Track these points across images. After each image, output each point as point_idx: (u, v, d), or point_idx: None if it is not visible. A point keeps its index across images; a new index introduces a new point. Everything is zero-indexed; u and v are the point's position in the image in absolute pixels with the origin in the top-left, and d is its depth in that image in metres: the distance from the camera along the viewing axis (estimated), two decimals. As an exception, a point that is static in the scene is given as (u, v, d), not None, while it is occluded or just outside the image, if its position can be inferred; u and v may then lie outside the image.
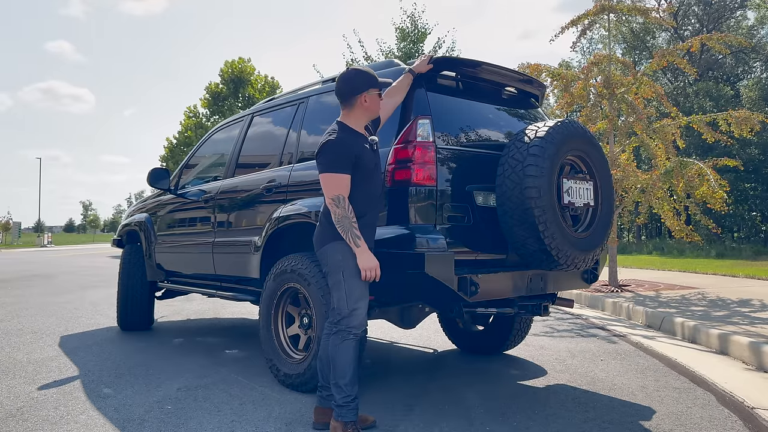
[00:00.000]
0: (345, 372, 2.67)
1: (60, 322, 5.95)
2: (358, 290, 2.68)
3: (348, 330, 2.69)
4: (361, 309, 2.69)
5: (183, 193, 5.02)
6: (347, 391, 2.66)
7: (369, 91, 2.76)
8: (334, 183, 2.64)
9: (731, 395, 3.42)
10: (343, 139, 2.70)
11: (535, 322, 5.80)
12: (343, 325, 2.70)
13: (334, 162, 2.66)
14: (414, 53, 15.27)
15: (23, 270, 14.38)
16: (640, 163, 18.83)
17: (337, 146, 2.67)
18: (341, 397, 2.66)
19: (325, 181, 2.67)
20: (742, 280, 9.70)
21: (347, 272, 2.67)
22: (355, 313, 2.68)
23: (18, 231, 47.23)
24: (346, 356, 2.68)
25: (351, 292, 2.67)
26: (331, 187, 2.65)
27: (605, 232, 3.45)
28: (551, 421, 2.97)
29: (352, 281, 2.67)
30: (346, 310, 2.68)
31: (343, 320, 2.69)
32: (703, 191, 7.81)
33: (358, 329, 2.71)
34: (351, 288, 2.67)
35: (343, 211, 2.61)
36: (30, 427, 2.83)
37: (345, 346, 2.69)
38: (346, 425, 2.63)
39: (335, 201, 2.62)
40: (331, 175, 2.65)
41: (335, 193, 2.63)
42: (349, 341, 2.69)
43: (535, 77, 4.84)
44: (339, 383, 2.67)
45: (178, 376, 3.82)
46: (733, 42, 9.16)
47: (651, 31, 30.22)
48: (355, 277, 2.67)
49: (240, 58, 27.22)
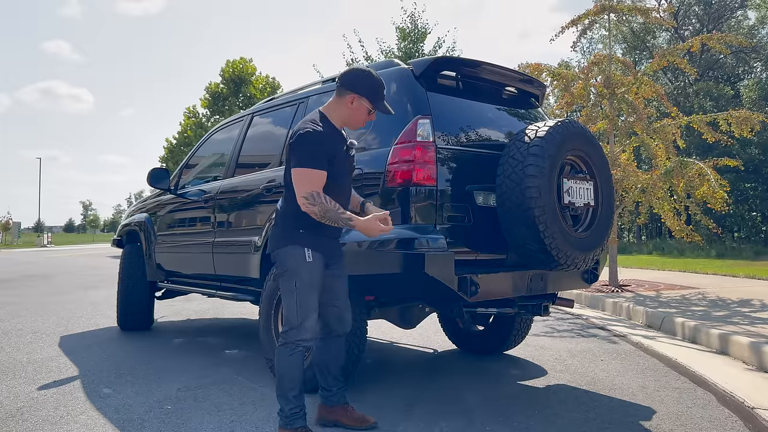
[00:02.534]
0: (294, 384, 2.58)
1: (60, 322, 5.95)
2: (309, 304, 2.56)
3: (296, 342, 2.55)
4: (310, 321, 2.56)
5: (183, 193, 5.02)
6: (295, 402, 2.59)
7: (361, 97, 2.58)
8: (310, 178, 2.45)
9: (731, 395, 3.41)
10: (324, 133, 2.52)
11: (536, 322, 5.80)
12: (291, 337, 2.56)
13: (312, 156, 2.46)
14: (414, 53, 15.26)
15: (23, 270, 14.37)
16: (640, 163, 18.81)
17: (317, 140, 2.49)
18: (290, 408, 2.58)
19: (299, 175, 2.46)
20: (742, 280, 9.70)
21: (299, 282, 2.54)
22: (305, 325, 2.55)
23: (18, 231, 47.21)
24: (294, 370, 2.57)
25: (302, 303, 2.54)
26: (305, 182, 2.44)
27: (605, 232, 3.44)
28: (551, 421, 2.97)
29: (304, 293, 2.54)
30: (296, 321, 2.55)
31: (292, 331, 2.56)
32: (704, 191, 7.80)
33: (309, 341, 2.59)
34: (302, 299, 2.54)
35: (323, 207, 2.41)
36: (30, 427, 2.83)
37: (293, 359, 2.56)
38: (296, 430, 2.57)
39: (310, 199, 2.42)
40: (307, 170, 2.45)
41: (310, 189, 2.43)
42: (298, 354, 2.57)
43: (535, 77, 4.84)
44: (288, 395, 2.58)
45: (179, 376, 3.82)
46: (734, 42, 9.16)
47: (651, 31, 30.20)
48: (307, 287, 2.54)
49: (242, 58, 27.23)
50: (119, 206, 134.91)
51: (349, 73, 2.64)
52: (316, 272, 2.59)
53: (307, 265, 2.55)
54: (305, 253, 2.56)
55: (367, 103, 2.61)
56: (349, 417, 2.83)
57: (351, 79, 2.62)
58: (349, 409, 2.86)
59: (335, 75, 4.03)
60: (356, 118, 2.65)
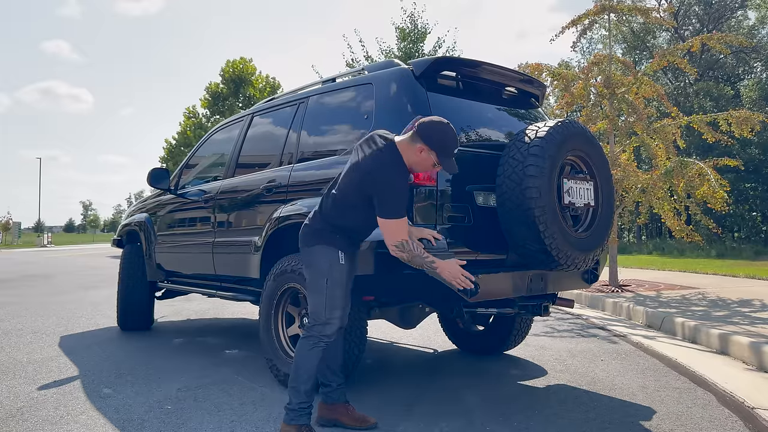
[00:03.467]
0: (309, 378, 2.65)
1: (60, 322, 5.95)
2: (339, 301, 2.65)
3: (320, 338, 2.65)
4: (337, 320, 2.65)
5: (183, 193, 5.02)
6: (305, 398, 2.65)
7: (431, 151, 2.55)
8: (401, 228, 2.55)
9: (732, 395, 3.41)
10: (406, 178, 2.58)
11: (536, 322, 5.80)
12: (316, 332, 2.65)
13: (401, 206, 2.54)
14: (414, 53, 15.26)
15: (23, 270, 14.38)
16: (640, 163, 18.81)
17: (405, 189, 2.56)
18: (298, 402, 2.64)
19: (392, 226, 2.54)
20: (742, 280, 9.70)
21: (332, 281, 2.64)
22: (331, 322, 2.65)
23: (18, 231, 47.20)
24: (312, 362, 2.65)
25: (332, 302, 2.64)
26: (397, 232, 2.54)
27: (605, 232, 3.44)
28: (551, 421, 2.97)
29: (335, 291, 2.64)
30: (323, 318, 2.64)
31: (317, 326, 2.66)
32: (704, 191, 7.80)
33: (330, 338, 2.68)
34: (332, 298, 2.64)
35: (411, 253, 2.55)
36: (30, 427, 2.83)
37: (314, 352, 2.66)
38: (300, 428, 2.62)
39: (400, 247, 2.54)
40: (398, 221, 2.54)
41: (399, 239, 2.54)
42: (319, 348, 2.66)
43: (535, 77, 4.84)
44: (300, 388, 2.65)
45: (179, 376, 3.82)
46: (734, 42, 9.15)
47: (651, 31, 30.18)
48: (338, 287, 2.65)
49: (242, 58, 27.23)
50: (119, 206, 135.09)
51: (428, 124, 2.59)
52: (345, 274, 2.70)
53: (339, 267, 2.67)
54: (339, 255, 2.68)
55: (435, 158, 2.58)
56: (350, 416, 2.83)
57: (427, 130, 2.57)
58: (350, 408, 2.87)
59: (335, 75, 4.04)
60: (421, 167, 2.65)
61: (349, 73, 3.94)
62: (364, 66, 3.88)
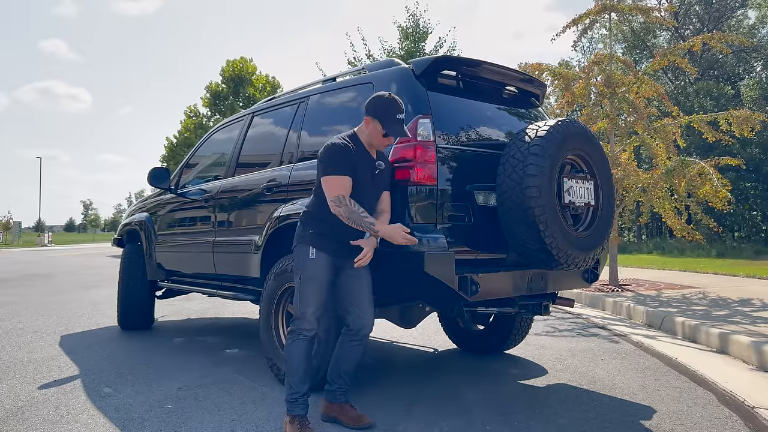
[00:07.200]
0: (296, 370, 2.77)
1: (60, 322, 5.95)
2: (309, 297, 2.78)
3: (299, 331, 2.80)
4: (310, 313, 2.78)
5: (183, 192, 5.02)
6: (296, 388, 2.77)
7: (374, 120, 2.78)
8: (336, 183, 2.71)
9: (732, 395, 3.41)
10: (348, 145, 2.77)
11: (536, 322, 5.80)
12: (295, 326, 2.82)
13: (333, 164, 2.73)
14: (415, 52, 15.25)
15: (24, 269, 14.38)
16: (640, 163, 18.81)
17: (337, 149, 2.76)
18: (290, 393, 2.77)
19: (327, 182, 2.74)
20: (742, 279, 9.70)
21: (304, 277, 2.79)
22: (305, 316, 2.78)
23: (18, 230, 47.21)
24: (296, 355, 2.78)
25: (303, 297, 2.79)
26: (332, 187, 2.72)
27: (606, 231, 3.44)
28: (551, 420, 2.97)
29: (306, 287, 2.78)
30: (299, 312, 2.81)
31: (297, 320, 2.82)
32: (706, 190, 7.79)
33: (308, 331, 2.80)
34: (304, 293, 2.79)
35: (347, 209, 2.67)
36: (30, 427, 2.83)
37: (296, 345, 2.79)
38: (293, 419, 2.72)
39: (336, 201, 2.68)
40: (332, 177, 2.72)
41: (336, 194, 2.69)
42: (299, 341, 2.79)
43: (535, 76, 4.84)
44: (289, 380, 2.79)
45: (179, 375, 3.82)
46: (734, 41, 9.15)
47: (652, 30, 30.15)
48: (308, 283, 2.78)
49: (242, 57, 27.22)
50: (119, 206, 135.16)
51: (371, 98, 2.85)
52: (319, 268, 2.79)
53: (309, 261, 2.79)
54: (309, 250, 2.80)
55: (377, 125, 2.78)
56: (346, 415, 2.87)
57: (369, 103, 2.83)
58: (346, 407, 2.90)
59: (335, 75, 4.04)
60: (376, 140, 2.83)
61: (349, 73, 3.94)
62: (364, 65, 3.87)
